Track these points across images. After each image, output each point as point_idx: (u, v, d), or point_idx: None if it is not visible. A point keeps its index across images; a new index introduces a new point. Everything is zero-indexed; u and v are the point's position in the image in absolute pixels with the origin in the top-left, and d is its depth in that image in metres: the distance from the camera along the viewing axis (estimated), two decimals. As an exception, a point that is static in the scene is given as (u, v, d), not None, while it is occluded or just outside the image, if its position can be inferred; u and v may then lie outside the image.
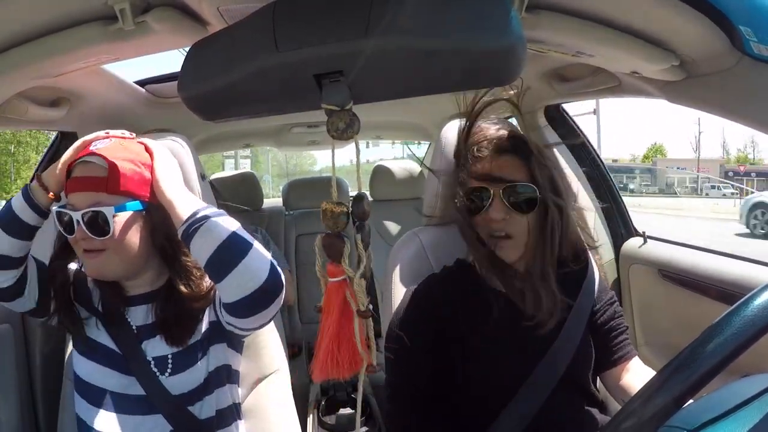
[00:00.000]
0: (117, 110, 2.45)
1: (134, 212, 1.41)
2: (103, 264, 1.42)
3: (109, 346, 1.49)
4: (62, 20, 1.35)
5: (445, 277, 1.63)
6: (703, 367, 0.79)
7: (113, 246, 1.40)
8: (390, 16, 0.92)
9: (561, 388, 1.46)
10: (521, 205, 1.45)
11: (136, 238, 1.42)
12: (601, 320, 1.61)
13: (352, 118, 1.00)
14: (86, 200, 1.38)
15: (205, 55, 1.11)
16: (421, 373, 1.52)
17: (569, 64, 2.06)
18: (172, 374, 1.47)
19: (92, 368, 1.50)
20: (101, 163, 1.38)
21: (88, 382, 1.50)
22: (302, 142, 4.34)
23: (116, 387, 1.48)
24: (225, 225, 1.31)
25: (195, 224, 1.30)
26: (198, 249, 1.30)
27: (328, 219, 1.07)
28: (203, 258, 1.29)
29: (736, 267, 1.99)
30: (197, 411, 1.50)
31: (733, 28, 1.22)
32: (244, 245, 1.30)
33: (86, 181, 1.38)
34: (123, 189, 1.38)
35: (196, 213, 1.32)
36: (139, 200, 1.41)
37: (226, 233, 1.29)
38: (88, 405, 1.50)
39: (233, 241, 1.29)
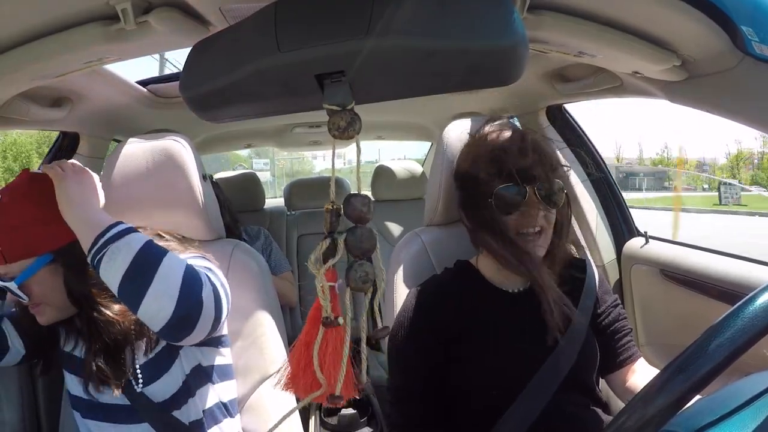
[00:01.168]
0: (118, 110, 2.45)
1: (43, 268, 1.40)
2: (44, 314, 1.45)
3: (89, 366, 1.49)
4: (63, 20, 1.35)
5: (447, 279, 1.64)
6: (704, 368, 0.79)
7: (43, 300, 1.43)
8: (391, 15, 0.92)
9: (565, 389, 1.46)
10: (554, 200, 1.47)
11: (55, 289, 1.43)
12: (606, 322, 1.61)
13: (354, 118, 0.99)
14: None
15: (206, 55, 1.11)
16: (424, 374, 1.52)
17: (571, 64, 2.06)
18: (146, 384, 1.47)
19: (78, 382, 1.51)
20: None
21: (76, 395, 1.52)
22: (304, 142, 4.35)
23: (103, 398, 1.48)
24: (126, 253, 1.25)
25: (97, 254, 1.26)
26: (107, 280, 1.27)
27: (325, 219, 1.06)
28: (114, 288, 1.26)
29: (737, 267, 1.99)
30: (184, 416, 1.50)
31: (735, 28, 1.22)
32: (149, 268, 1.24)
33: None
34: (20, 254, 1.38)
35: (97, 240, 1.27)
36: (43, 255, 1.40)
37: (126, 263, 1.24)
38: (81, 418, 1.52)
39: (137, 268, 1.24)
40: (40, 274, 1.39)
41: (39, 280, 1.40)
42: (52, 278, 1.41)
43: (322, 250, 1.04)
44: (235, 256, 1.79)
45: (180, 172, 1.67)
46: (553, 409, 1.43)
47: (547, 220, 1.48)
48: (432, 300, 1.56)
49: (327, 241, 1.04)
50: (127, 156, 1.71)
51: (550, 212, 1.48)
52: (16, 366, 2.05)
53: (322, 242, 1.04)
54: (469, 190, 1.53)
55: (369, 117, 3.37)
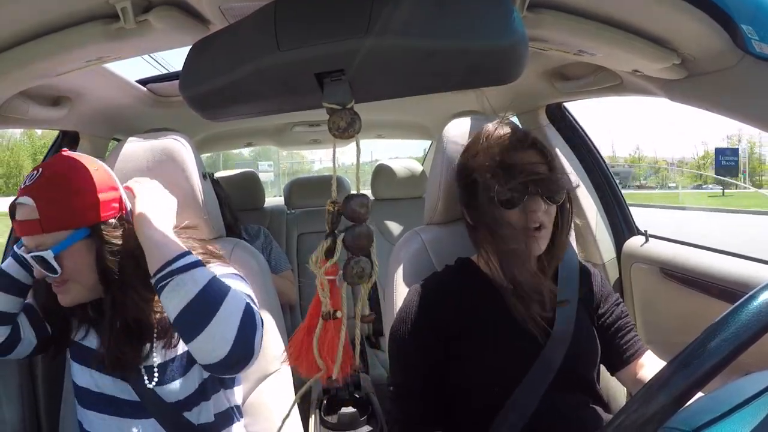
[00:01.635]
0: (118, 109, 2.45)
1: (79, 242, 1.40)
2: (69, 293, 1.44)
3: (101, 352, 1.49)
4: (63, 19, 1.35)
5: (447, 276, 1.64)
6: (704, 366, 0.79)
7: (72, 277, 1.41)
8: (391, 14, 0.92)
9: (564, 387, 1.46)
10: (555, 196, 1.49)
11: (88, 263, 1.42)
12: (609, 321, 1.62)
13: (354, 116, 0.99)
14: (31, 242, 1.39)
15: (206, 53, 1.11)
16: (424, 372, 1.53)
17: (571, 62, 2.06)
18: (160, 384, 1.46)
19: (86, 373, 1.51)
20: (32, 203, 1.36)
21: (83, 387, 1.51)
22: (304, 141, 4.35)
23: (111, 391, 1.48)
24: (191, 287, 1.26)
25: (162, 281, 1.28)
26: (165, 306, 1.28)
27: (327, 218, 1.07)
28: (171, 317, 1.27)
29: (738, 265, 1.99)
30: (194, 417, 1.50)
31: (735, 27, 1.22)
32: (210, 309, 1.25)
33: (23, 225, 1.38)
34: (58, 225, 1.37)
35: (164, 267, 1.28)
36: (81, 229, 1.39)
37: (188, 297, 1.25)
38: (84, 409, 1.51)
39: (198, 305, 1.25)
40: (74, 248, 1.39)
41: (73, 254, 1.39)
42: (86, 254, 1.40)
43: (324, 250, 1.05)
44: (236, 254, 1.79)
45: (180, 171, 1.67)
46: (553, 407, 1.44)
47: (548, 216, 1.48)
48: (432, 298, 1.57)
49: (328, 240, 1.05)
50: (126, 155, 1.71)
51: (551, 208, 1.49)
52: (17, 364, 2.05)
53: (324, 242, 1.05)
54: (470, 187, 1.53)
55: (369, 116, 3.37)
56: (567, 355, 1.49)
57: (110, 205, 1.43)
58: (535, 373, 1.46)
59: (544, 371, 1.46)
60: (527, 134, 1.53)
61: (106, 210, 1.41)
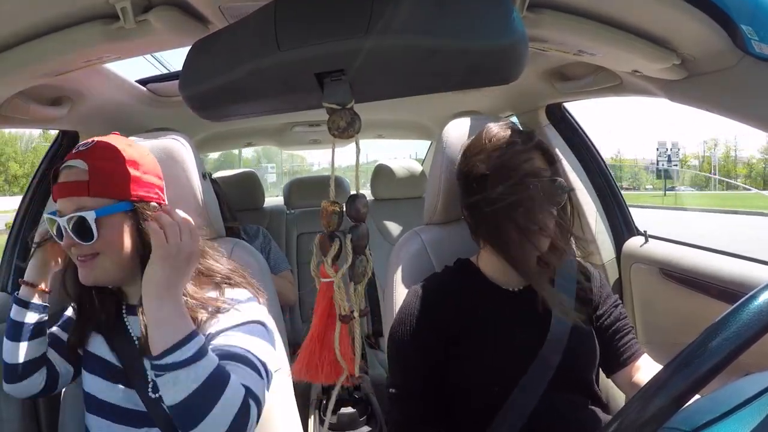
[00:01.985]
0: (118, 109, 2.45)
1: (120, 213, 1.37)
2: (96, 269, 1.39)
3: (110, 361, 1.48)
4: (63, 19, 1.35)
5: (447, 277, 1.64)
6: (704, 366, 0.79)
7: (103, 249, 1.37)
8: (391, 14, 0.92)
9: (563, 388, 1.47)
10: (557, 198, 1.49)
11: (124, 239, 1.38)
12: (607, 323, 1.62)
13: (353, 116, 1.00)
14: (70, 206, 1.35)
15: (206, 53, 1.11)
16: (424, 372, 1.52)
17: (570, 62, 2.06)
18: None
19: (95, 382, 1.49)
20: (83, 166, 1.35)
21: (91, 393, 1.49)
22: (304, 141, 4.35)
23: (118, 400, 1.46)
24: (190, 383, 1.16)
25: (160, 370, 1.18)
26: (161, 391, 1.21)
27: (324, 218, 1.06)
28: (164, 402, 1.20)
29: (737, 266, 1.99)
30: None
31: (735, 27, 1.22)
32: (205, 407, 1.16)
33: (68, 186, 1.36)
34: (105, 191, 1.35)
35: (164, 356, 1.17)
36: (124, 201, 1.37)
37: (187, 392, 1.16)
38: (92, 415, 1.49)
39: (193, 402, 1.16)
40: (116, 218, 1.36)
41: (113, 224, 1.36)
42: (124, 228, 1.38)
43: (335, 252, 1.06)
44: (235, 254, 1.79)
45: (180, 171, 1.67)
46: (552, 407, 1.44)
47: (550, 217, 1.48)
48: (432, 298, 1.56)
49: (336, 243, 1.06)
50: None
51: (553, 209, 1.49)
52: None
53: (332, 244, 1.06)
54: (472, 187, 1.53)
55: (368, 115, 3.36)
56: (565, 355, 1.49)
57: (154, 189, 1.43)
58: (533, 373, 1.46)
59: (541, 371, 1.46)
60: (531, 136, 1.53)
61: (150, 191, 1.41)
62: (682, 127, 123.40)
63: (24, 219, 2.40)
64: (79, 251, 1.37)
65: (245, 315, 1.42)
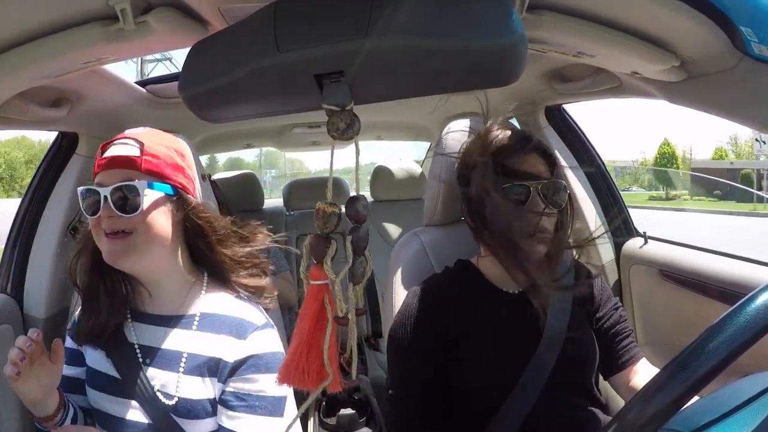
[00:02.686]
0: (118, 110, 2.45)
1: (165, 195, 1.38)
2: (127, 248, 1.34)
3: (109, 373, 1.45)
4: (63, 20, 1.35)
5: (446, 278, 1.64)
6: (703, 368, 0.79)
7: (140, 227, 1.33)
8: (390, 15, 0.92)
9: (562, 388, 1.47)
10: (556, 199, 1.49)
11: (164, 221, 1.38)
12: (607, 325, 1.62)
13: (353, 118, 0.99)
14: (116, 177, 1.33)
15: (205, 55, 1.11)
16: (423, 374, 1.52)
17: (570, 64, 2.06)
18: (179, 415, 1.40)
19: (98, 397, 1.47)
20: (135, 144, 1.37)
21: (97, 409, 1.47)
22: (303, 143, 4.34)
23: (121, 413, 1.43)
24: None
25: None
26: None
27: (319, 219, 1.05)
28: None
29: (736, 267, 1.99)
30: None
31: (734, 29, 1.22)
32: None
33: (118, 159, 1.35)
34: (156, 170, 1.36)
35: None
36: (170, 184, 1.39)
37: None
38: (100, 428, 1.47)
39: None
40: (160, 197, 1.37)
41: (157, 202, 1.35)
42: (165, 210, 1.38)
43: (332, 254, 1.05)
44: None
45: None
46: (551, 409, 1.44)
47: (549, 219, 1.48)
48: (431, 300, 1.56)
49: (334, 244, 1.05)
50: None
51: (553, 212, 1.48)
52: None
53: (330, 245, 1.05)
54: (472, 189, 1.53)
55: (368, 117, 3.36)
56: (565, 357, 1.48)
57: (192, 184, 1.46)
58: (530, 374, 1.46)
59: (538, 371, 1.46)
60: (530, 137, 1.53)
61: (190, 185, 1.45)
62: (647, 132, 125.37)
63: (24, 219, 2.40)
64: (113, 225, 1.33)
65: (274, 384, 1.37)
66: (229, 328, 1.42)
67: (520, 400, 1.44)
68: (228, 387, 1.39)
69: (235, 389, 1.38)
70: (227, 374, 1.38)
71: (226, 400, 1.38)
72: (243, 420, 1.37)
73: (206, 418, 1.41)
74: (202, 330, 1.42)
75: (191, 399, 1.39)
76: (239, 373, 1.38)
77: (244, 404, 1.37)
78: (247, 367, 1.39)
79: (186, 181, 1.43)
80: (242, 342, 1.40)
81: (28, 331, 1.33)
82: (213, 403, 1.41)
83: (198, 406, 1.39)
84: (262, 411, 1.39)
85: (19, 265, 2.35)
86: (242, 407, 1.37)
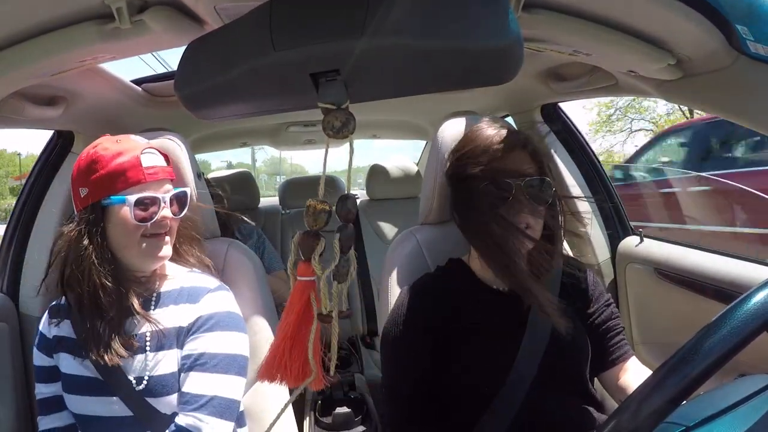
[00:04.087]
0: (114, 109, 2.45)
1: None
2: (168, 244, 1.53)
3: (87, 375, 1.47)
4: (59, 19, 1.35)
5: (438, 277, 1.64)
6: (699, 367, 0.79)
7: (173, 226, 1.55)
8: (386, 14, 0.92)
9: (556, 387, 1.47)
10: (542, 196, 1.48)
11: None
12: (598, 321, 1.62)
13: (348, 116, 0.99)
14: (162, 186, 1.51)
15: (201, 53, 1.11)
16: (416, 372, 1.52)
17: (566, 63, 2.07)
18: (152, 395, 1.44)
19: (79, 401, 1.48)
20: (160, 156, 1.55)
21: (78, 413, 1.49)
22: (298, 141, 4.34)
23: (104, 411, 1.46)
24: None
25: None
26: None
27: (309, 216, 1.06)
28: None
29: (732, 266, 2.00)
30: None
31: (730, 27, 1.22)
32: None
33: (159, 170, 1.51)
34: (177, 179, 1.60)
35: None
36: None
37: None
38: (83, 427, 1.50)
39: None
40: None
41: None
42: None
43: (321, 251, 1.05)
44: (230, 254, 1.79)
45: (175, 171, 1.67)
46: (545, 407, 1.44)
47: (535, 217, 1.48)
48: (423, 299, 1.57)
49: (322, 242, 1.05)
50: None
51: (538, 209, 1.48)
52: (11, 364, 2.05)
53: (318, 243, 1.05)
54: (459, 186, 1.53)
55: (363, 116, 3.36)
56: (554, 353, 1.49)
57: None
58: (519, 370, 1.46)
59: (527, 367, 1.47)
60: (517, 134, 1.52)
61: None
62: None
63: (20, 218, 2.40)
64: (164, 228, 1.51)
65: (227, 342, 1.51)
66: (186, 296, 1.53)
67: (510, 397, 1.44)
68: (184, 351, 1.46)
69: (189, 350, 1.46)
70: (182, 339, 1.47)
71: (182, 363, 1.45)
72: (196, 378, 1.43)
73: (175, 393, 1.46)
74: (163, 306, 1.52)
75: (159, 375, 1.45)
76: (191, 334, 1.47)
77: (197, 363, 1.44)
78: (199, 326, 1.48)
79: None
80: (196, 305, 1.51)
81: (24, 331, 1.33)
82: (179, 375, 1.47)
83: (167, 382, 1.45)
84: (215, 369, 1.45)
85: (14, 263, 2.34)
86: (196, 366, 1.44)
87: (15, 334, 2.18)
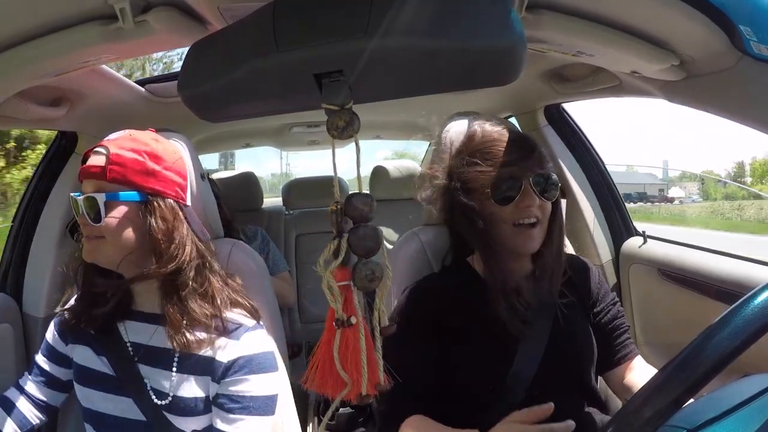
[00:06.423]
0: (117, 109, 2.45)
1: (130, 202, 1.40)
2: (97, 250, 1.41)
3: (101, 370, 1.48)
4: (62, 20, 1.35)
5: (441, 278, 1.65)
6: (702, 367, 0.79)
7: (108, 234, 1.39)
8: (390, 15, 0.92)
9: (560, 386, 1.47)
10: (549, 191, 1.49)
11: (128, 228, 1.41)
12: (604, 320, 1.62)
13: (352, 117, 0.99)
14: (90, 187, 1.41)
15: (204, 54, 1.11)
16: (417, 372, 1.52)
17: (569, 63, 2.06)
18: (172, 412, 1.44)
19: (90, 394, 1.49)
20: (105, 152, 1.41)
21: (87, 407, 1.50)
22: (302, 142, 4.34)
23: (115, 411, 1.46)
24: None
25: None
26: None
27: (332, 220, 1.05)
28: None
29: (736, 266, 1.99)
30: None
31: (733, 28, 1.22)
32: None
33: (89, 169, 1.41)
34: (121, 179, 1.39)
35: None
36: (138, 191, 1.40)
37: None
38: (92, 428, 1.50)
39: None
40: (123, 206, 1.40)
41: (120, 211, 1.40)
42: (131, 218, 1.41)
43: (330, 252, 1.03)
44: (234, 255, 1.78)
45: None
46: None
47: (543, 211, 1.48)
48: (425, 299, 1.57)
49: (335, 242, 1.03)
50: None
51: (546, 204, 1.49)
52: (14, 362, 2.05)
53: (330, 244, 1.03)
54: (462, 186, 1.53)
55: (367, 116, 3.36)
56: (558, 354, 1.49)
57: (173, 186, 1.46)
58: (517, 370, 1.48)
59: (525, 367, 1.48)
60: (520, 134, 1.54)
61: (167, 188, 1.44)
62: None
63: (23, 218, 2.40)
64: (87, 230, 1.42)
65: (267, 384, 1.47)
66: (221, 328, 1.44)
67: (510, 397, 1.44)
68: (222, 388, 1.42)
69: (229, 391, 1.41)
70: (221, 375, 1.41)
71: (221, 402, 1.41)
72: (238, 421, 1.40)
73: (199, 415, 1.44)
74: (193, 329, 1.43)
75: (185, 397, 1.43)
76: (232, 375, 1.42)
77: (238, 406, 1.41)
78: (240, 368, 1.42)
79: (160, 184, 1.43)
80: (235, 342, 1.43)
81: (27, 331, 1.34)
82: (206, 401, 1.44)
83: (191, 404, 1.43)
84: (256, 411, 1.42)
85: (18, 263, 2.35)
86: (237, 409, 1.41)
87: (18, 334, 2.18)
